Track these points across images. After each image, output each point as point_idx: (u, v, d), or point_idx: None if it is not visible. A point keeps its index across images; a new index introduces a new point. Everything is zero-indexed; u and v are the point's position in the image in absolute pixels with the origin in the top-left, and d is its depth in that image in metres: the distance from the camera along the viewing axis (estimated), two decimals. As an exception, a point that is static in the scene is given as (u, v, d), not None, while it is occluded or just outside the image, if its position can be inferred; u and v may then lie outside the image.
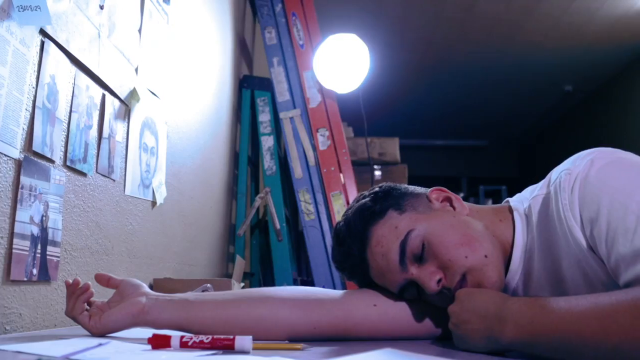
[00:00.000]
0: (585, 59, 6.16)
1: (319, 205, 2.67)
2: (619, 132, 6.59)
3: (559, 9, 5.08)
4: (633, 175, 0.75)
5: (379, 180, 4.12)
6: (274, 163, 2.79)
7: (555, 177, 0.84)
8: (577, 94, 7.11)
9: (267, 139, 2.83)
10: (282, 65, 2.89)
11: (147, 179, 1.61)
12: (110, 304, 0.93)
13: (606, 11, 5.12)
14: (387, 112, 7.38)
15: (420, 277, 0.88)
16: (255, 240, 3.04)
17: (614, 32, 5.53)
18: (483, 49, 5.92)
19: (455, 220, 0.92)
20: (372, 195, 0.98)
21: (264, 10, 3.01)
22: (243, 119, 2.89)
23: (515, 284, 0.92)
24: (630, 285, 0.68)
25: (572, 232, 0.78)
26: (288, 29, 2.93)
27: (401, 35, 5.59)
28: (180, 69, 1.93)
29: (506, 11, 5.13)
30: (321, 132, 2.74)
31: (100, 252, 1.30)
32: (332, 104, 2.82)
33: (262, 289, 1.00)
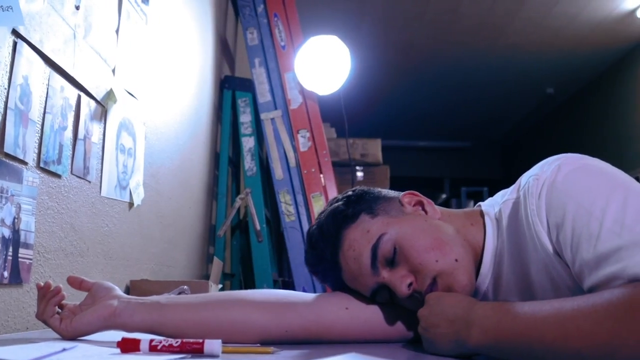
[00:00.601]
0: (566, 63, 6.23)
1: (300, 206, 2.67)
2: (598, 135, 6.67)
3: (541, 12, 5.13)
4: (598, 181, 0.76)
5: (361, 181, 4.14)
6: (254, 164, 2.79)
7: (524, 182, 0.85)
8: (559, 96, 7.19)
9: (248, 139, 2.83)
10: (263, 66, 2.89)
11: (124, 180, 1.60)
12: (82, 307, 0.93)
13: (586, 16, 5.18)
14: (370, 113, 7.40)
15: (391, 281, 0.89)
16: (235, 241, 3.04)
17: (594, 37, 5.60)
18: (466, 51, 5.96)
19: (427, 224, 0.93)
20: (345, 198, 0.98)
21: (246, 10, 3.00)
22: (224, 120, 2.88)
23: (486, 288, 0.93)
24: (594, 290, 0.69)
25: (539, 237, 0.79)
26: (270, 30, 2.93)
27: (384, 36, 5.61)
28: (159, 70, 1.92)
29: (489, 14, 5.17)
30: (302, 133, 2.75)
31: (74, 254, 1.29)
32: (313, 105, 2.82)
33: (235, 292, 1.00)
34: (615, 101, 6.30)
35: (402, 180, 7.99)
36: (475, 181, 7.71)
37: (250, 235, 2.75)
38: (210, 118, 2.74)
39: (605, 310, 0.62)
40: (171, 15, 2.08)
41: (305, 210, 2.67)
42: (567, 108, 7.44)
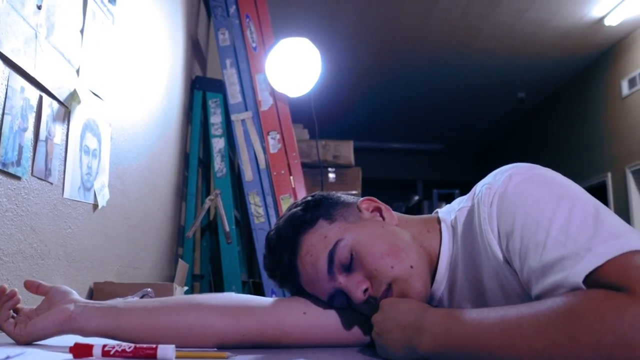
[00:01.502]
0: (537, 68, 6.33)
1: (269, 208, 2.67)
2: (567, 139, 6.79)
3: (513, 18, 5.21)
4: (546, 191, 0.78)
5: (332, 182, 4.15)
6: (224, 165, 2.78)
7: (478, 190, 0.87)
8: (530, 100, 7.30)
9: (218, 140, 2.82)
10: (234, 67, 2.88)
11: (89, 182, 1.59)
12: (38, 311, 0.92)
13: (556, 23, 5.28)
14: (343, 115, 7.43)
15: (347, 287, 0.90)
16: (205, 242, 3.03)
17: (564, 43, 5.70)
18: (439, 55, 6.03)
19: (384, 230, 0.94)
20: (303, 204, 0.99)
21: (218, 11, 3.00)
22: (194, 120, 2.87)
23: (441, 294, 0.94)
24: (540, 297, 0.71)
25: (490, 245, 0.80)
26: (242, 31, 2.93)
27: (358, 39, 5.63)
28: (127, 70, 1.91)
29: (462, 19, 5.23)
30: (272, 135, 2.75)
31: (34, 257, 1.28)
32: (284, 107, 2.82)
33: (193, 297, 1.00)
34: (583, 106, 6.42)
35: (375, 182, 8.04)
36: (447, 183, 7.79)
37: (219, 237, 2.74)
38: (180, 118, 2.72)
39: (547, 318, 0.64)
40: (140, 15, 2.07)
41: (274, 212, 2.67)
42: (538, 112, 7.57)
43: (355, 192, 4.28)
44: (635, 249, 0.65)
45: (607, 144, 5.97)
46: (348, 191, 4.21)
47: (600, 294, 0.62)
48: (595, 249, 0.66)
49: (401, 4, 4.95)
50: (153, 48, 2.26)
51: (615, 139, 5.81)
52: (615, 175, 5.78)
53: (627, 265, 0.63)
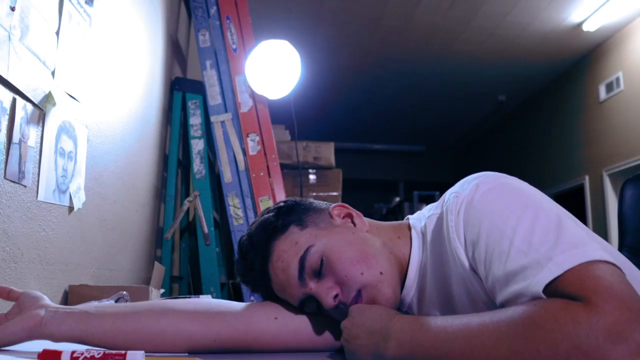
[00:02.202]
0: (517, 71, 6.40)
1: (248, 210, 2.67)
2: (545, 142, 6.87)
3: (494, 21, 5.26)
4: (511, 201, 0.79)
5: (313, 184, 4.16)
6: (203, 167, 2.78)
7: (447, 198, 0.88)
8: (510, 103, 7.37)
9: (197, 142, 2.81)
10: (214, 69, 2.88)
11: (64, 184, 1.58)
12: (9, 316, 0.91)
13: (536, 27, 5.33)
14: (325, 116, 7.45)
15: (318, 292, 0.91)
16: (184, 244, 3.02)
17: (543, 47, 5.77)
18: (421, 57, 6.06)
19: (354, 237, 0.95)
20: (275, 210, 1.00)
21: (199, 12, 2.99)
22: (173, 122, 2.86)
23: (410, 300, 0.95)
24: (504, 305, 0.72)
25: (457, 253, 0.82)
26: (222, 32, 2.92)
27: (339, 40, 5.65)
28: (104, 71, 1.90)
29: (443, 21, 5.26)
30: (251, 137, 2.75)
31: (7, 260, 1.27)
32: (263, 109, 2.83)
33: (165, 301, 1.00)
34: (562, 110, 6.50)
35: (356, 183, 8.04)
36: (428, 185, 7.84)
37: (198, 238, 2.74)
38: (160, 120, 2.71)
39: (507, 326, 0.65)
40: (118, 16, 2.06)
41: (253, 214, 2.67)
42: (518, 115, 7.64)
43: (336, 193, 4.30)
44: (594, 259, 0.67)
45: (584, 147, 6.05)
46: (329, 192, 4.23)
47: (558, 303, 0.64)
48: (555, 258, 0.68)
49: (383, 6, 4.97)
50: (131, 49, 2.25)
51: (593, 142, 5.89)
52: (593, 178, 5.86)
53: (584, 276, 0.65)
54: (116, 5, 2.03)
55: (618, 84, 5.47)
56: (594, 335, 0.59)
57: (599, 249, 0.69)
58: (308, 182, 4.14)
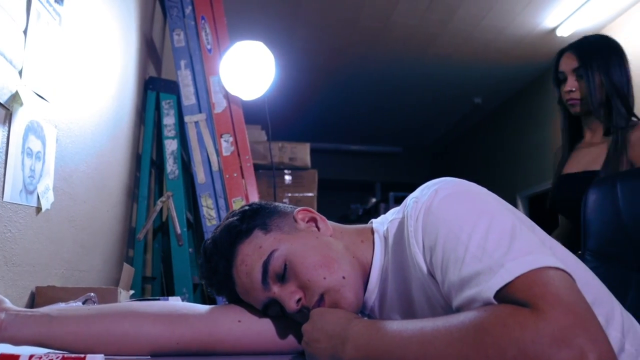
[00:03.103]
0: (493, 74, 6.46)
1: (221, 210, 2.67)
2: (520, 144, 6.95)
3: (470, 24, 5.31)
4: (468, 207, 0.81)
5: (289, 185, 4.16)
6: (177, 167, 2.77)
7: (408, 202, 0.90)
8: (486, 106, 7.45)
9: (171, 142, 2.80)
10: (189, 69, 2.87)
11: (32, 185, 1.56)
12: (-32, 319, 0.91)
13: (512, 31, 5.40)
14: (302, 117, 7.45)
15: (281, 297, 0.92)
16: (157, 244, 3.00)
17: (518, 51, 5.84)
18: (397, 59, 6.09)
19: (318, 241, 0.96)
20: (240, 213, 1.00)
21: (174, 11, 2.98)
22: (147, 121, 2.84)
23: (372, 304, 0.97)
24: (459, 310, 0.74)
25: (416, 258, 0.83)
26: (197, 33, 2.91)
27: (316, 41, 5.65)
28: (75, 71, 1.89)
29: (420, 24, 5.30)
30: (225, 137, 2.75)
31: (-30, 262, 1.25)
32: (237, 110, 2.82)
33: (128, 304, 1.00)
34: (536, 113, 6.59)
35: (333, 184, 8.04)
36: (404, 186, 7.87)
37: (171, 239, 2.72)
38: (133, 119, 2.70)
39: (458, 332, 0.67)
40: (89, 15, 2.04)
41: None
42: (493, 117, 7.72)
43: (312, 194, 4.30)
44: (544, 266, 0.69)
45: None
46: (304, 193, 4.23)
47: (507, 309, 0.65)
48: (507, 265, 0.69)
49: (360, 8, 4.99)
50: (104, 48, 2.23)
51: (566, 145, 5.97)
52: (565, 181, 5.94)
53: (533, 282, 0.67)
54: (87, 4, 2.02)
55: (590, 88, 5.55)
56: (540, 340, 0.60)
57: (551, 256, 0.71)
58: (283, 183, 4.14)
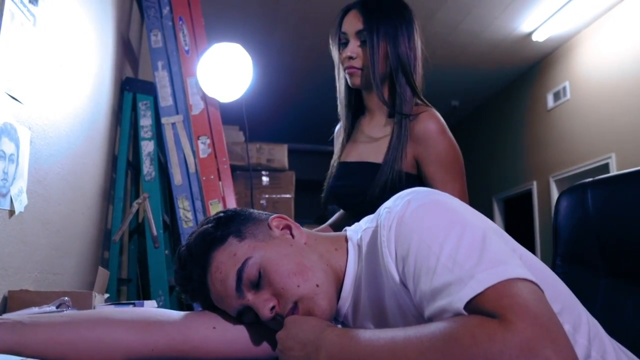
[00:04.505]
0: (469, 77, 6.54)
1: (198, 212, 2.66)
2: (496, 147, 7.04)
3: (448, 28, 5.37)
4: (440, 218, 0.82)
5: (266, 186, 4.17)
6: (153, 169, 2.75)
7: (381, 212, 0.91)
8: (463, 109, 7.53)
9: (147, 143, 2.78)
10: (166, 70, 2.85)
11: (4, 188, 1.55)
12: (-62, 326, 0.90)
13: (488, 36, 5.47)
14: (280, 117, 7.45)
15: (255, 304, 0.92)
16: (133, 246, 2.98)
17: (494, 55, 5.92)
18: (375, 61, 6.13)
19: (292, 249, 0.96)
20: (215, 220, 1.01)
21: (151, 12, 2.96)
22: (123, 123, 2.82)
23: (346, 311, 0.98)
24: (431, 320, 0.75)
25: (388, 267, 0.84)
26: (174, 33, 2.90)
27: (296, 42, 5.66)
28: (49, 72, 1.87)
29: (398, 27, 5.35)
30: (202, 139, 2.74)
31: (-59, 266, 1.24)
32: (215, 112, 2.82)
33: (101, 311, 1.00)
34: (511, 116, 6.68)
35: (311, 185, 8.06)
36: (382, 187, 7.90)
37: (147, 240, 2.71)
38: (109, 120, 2.67)
39: (429, 341, 0.68)
40: (64, 15, 2.02)
41: (203, 217, 2.66)
42: (470, 120, 7.81)
43: (289, 195, 4.32)
44: (514, 277, 0.70)
45: (533, 154, 6.23)
46: (282, 195, 4.24)
47: (476, 320, 0.67)
48: (477, 276, 0.71)
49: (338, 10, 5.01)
50: (79, 48, 2.21)
51: (541, 149, 6.07)
52: (540, 184, 6.04)
53: (502, 293, 0.68)
54: (62, 4, 2.00)
55: (565, 93, 5.65)
56: (508, 352, 0.62)
57: (520, 267, 0.72)
58: (261, 184, 4.14)
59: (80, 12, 2.21)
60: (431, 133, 1.61)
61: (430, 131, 1.61)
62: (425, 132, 1.61)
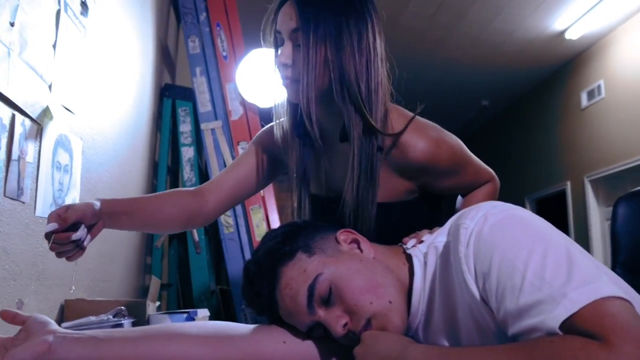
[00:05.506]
0: (500, 77, 6.46)
1: (239, 218, 2.67)
2: (527, 147, 6.94)
3: (479, 28, 5.30)
4: (521, 234, 0.80)
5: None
6: (194, 174, 2.77)
7: (453, 227, 0.89)
8: (493, 108, 7.44)
9: (187, 149, 2.80)
10: (204, 76, 2.87)
11: (60, 198, 1.57)
12: (16, 341, 0.91)
13: (520, 34, 5.39)
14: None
15: (326, 321, 0.91)
16: (173, 251, 3.00)
17: (526, 54, 5.83)
18: (406, 63, 6.02)
19: (362, 264, 0.95)
20: (282, 235, 1.00)
21: (188, 18, 2.98)
22: (163, 129, 2.85)
23: (416, 327, 0.96)
24: (516, 338, 0.74)
25: (467, 284, 0.83)
26: (212, 39, 2.91)
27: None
28: (97, 81, 1.89)
29: (429, 27, 5.30)
30: (242, 145, 2.75)
31: (7, 278, 1.26)
32: (254, 117, 2.82)
33: (173, 326, 1.00)
34: (544, 116, 6.58)
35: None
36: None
37: (188, 245, 2.72)
38: (150, 127, 2.70)
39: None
40: (110, 24, 2.04)
41: (244, 222, 2.67)
42: (501, 120, 7.72)
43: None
44: (607, 295, 0.68)
45: (566, 154, 6.13)
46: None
47: (577, 342, 0.65)
48: (569, 295, 0.69)
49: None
50: (123, 57, 2.24)
51: (574, 148, 5.97)
52: (574, 184, 5.94)
53: (601, 313, 0.67)
54: (109, 13, 2.02)
55: (599, 91, 5.54)
56: None
57: (610, 284, 0.71)
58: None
59: (123, 20, 2.23)
60: (428, 156, 1.18)
61: (426, 155, 1.18)
62: (421, 161, 1.18)
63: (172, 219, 1.26)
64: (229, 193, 1.34)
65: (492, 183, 1.32)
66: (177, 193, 1.30)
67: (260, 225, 2.64)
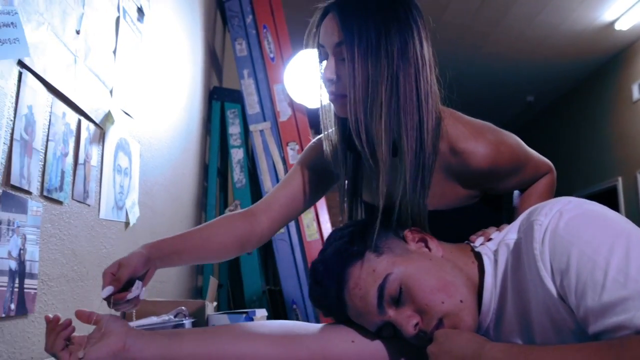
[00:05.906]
0: (546, 71, 6.33)
1: (289, 219, 2.68)
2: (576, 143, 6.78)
3: (524, 22, 5.21)
4: (599, 229, 0.78)
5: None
6: (243, 176, 2.79)
7: (525, 224, 0.87)
8: (538, 104, 7.30)
9: (237, 151, 2.83)
10: (252, 78, 2.90)
11: (121, 201, 1.60)
12: (91, 340, 0.93)
13: (567, 27, 5.27)
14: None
15: (397, 320, 0.91)
16: (224, 252, 3.04)
17: (574, 47, 5.70)
18: (449, 59, 6.02)
19: (432, 263, 0.94)
20: (349, 234, 1.00)
21: (235, 21, 3.01)
22: (213, 131, 2.88)
23: (487, 325, 0.95)
24: (599, 336, 0.71)
25: (543, 281, 0.80)
26: (259, 41, 2.94)
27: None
28: (153, 86, 1.93)
29: (473, 22, 5.23)
30: (291, 145, 2.76)
31: (75, 279, 1.29)
32: (303, 118, 2.83)
33: (242, 324, 1.01)
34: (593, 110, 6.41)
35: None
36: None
37: (239, 247, 2.74)
38: (200, 130, 2.74)
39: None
40: (164, 29, 2.08)
41: (294, 223, 2.68)
42: (546, 116, 7.56)
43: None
44: None
45: (617, 148, 5.96)
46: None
47: None
48: None
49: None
50: (176, 61, 2.27)
51: (626, 143, 5.80)
52: (626, 180, 5.77)
53: None
54: (162, 18, 2.05)
55: (652, 83, 5.39)
56: None
57: None
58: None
59: (175, 24, 2.27)
60: (490, 161, 1.12)
61: (487, 160, 1.12)
62: (483, 167, 1.12)
63: (226, 247, 1.21)
64: (281, 211, 1.29)
65: (550, 174, 1.28)
66: (227, 219, 1.24)
67: (311, 225, 2.65)
